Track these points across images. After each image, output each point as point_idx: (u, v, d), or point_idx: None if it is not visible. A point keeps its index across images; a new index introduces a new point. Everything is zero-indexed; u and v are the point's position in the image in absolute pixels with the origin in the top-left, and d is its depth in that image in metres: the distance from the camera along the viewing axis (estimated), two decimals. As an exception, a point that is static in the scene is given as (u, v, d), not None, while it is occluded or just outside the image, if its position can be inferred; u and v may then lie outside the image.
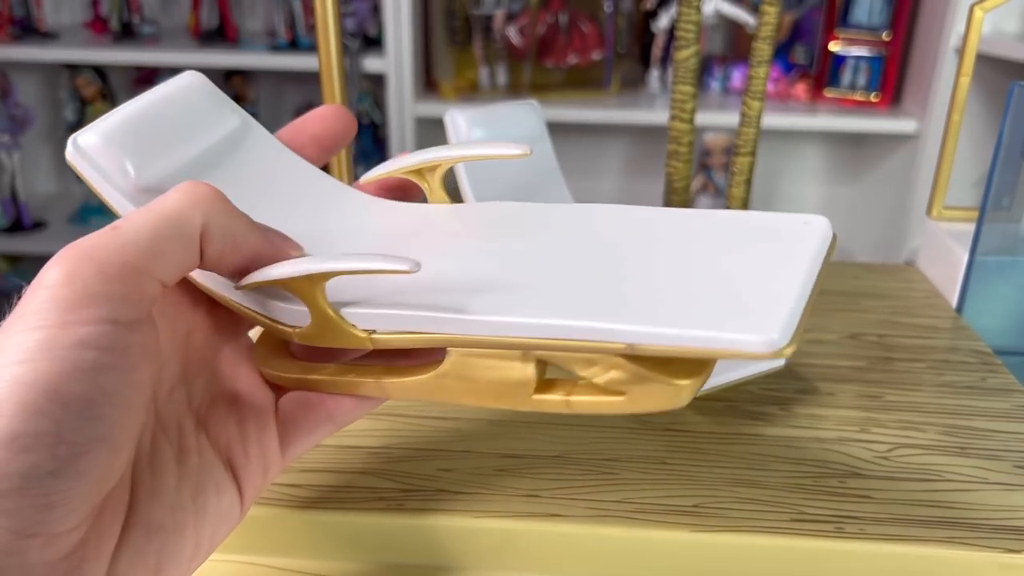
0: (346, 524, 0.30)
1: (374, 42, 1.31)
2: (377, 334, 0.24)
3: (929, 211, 0.52)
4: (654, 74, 1.34)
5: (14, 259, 1.49)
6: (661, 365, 0.21)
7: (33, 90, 1.52)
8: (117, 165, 0.24)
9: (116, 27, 1.37)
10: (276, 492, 0.30)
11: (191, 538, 0.22)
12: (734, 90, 1.36)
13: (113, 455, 0.19)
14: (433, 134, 1.31)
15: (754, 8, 1.21)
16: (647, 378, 0.21)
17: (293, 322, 0.25)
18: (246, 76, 1.44)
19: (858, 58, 1.28)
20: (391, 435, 0.34)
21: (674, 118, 0.48)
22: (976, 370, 0.40)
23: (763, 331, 0.19)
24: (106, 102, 1.42)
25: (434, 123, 1.28)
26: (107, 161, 0.24)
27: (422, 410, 0.35)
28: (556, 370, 0.23)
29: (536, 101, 0.40)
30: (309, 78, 1.43)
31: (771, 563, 0.29)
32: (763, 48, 0.47)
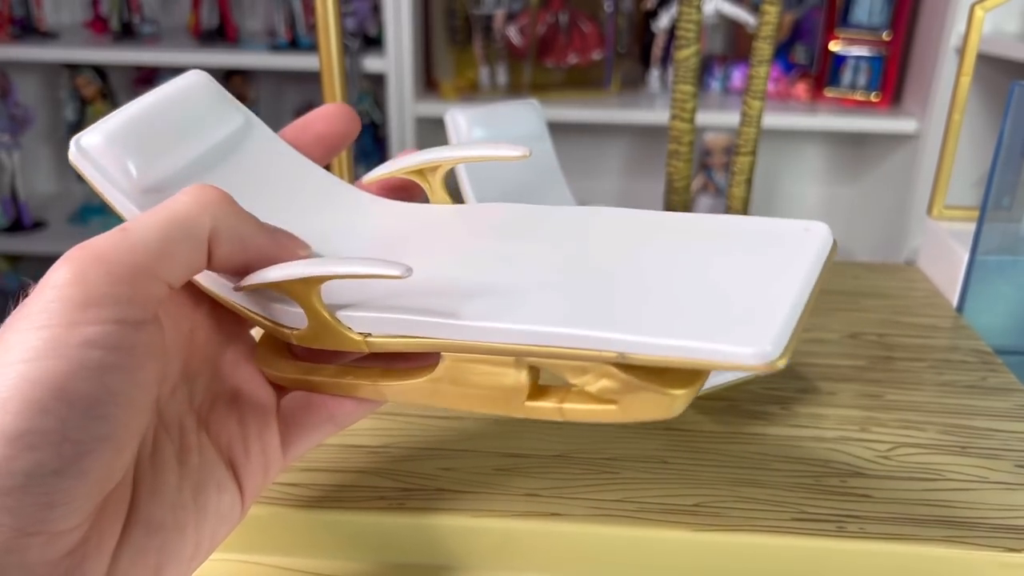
0: (347, 523, 0.30)
1: (374, 42, 1.31)
2: (372, 337, 0.24)
3: (930, 210, 0.52)
4: (654, 74, 1.34)
5: (14, 259, 1.50)
6: (654, 374, 0.21)
7: (33, 90, 1.52)
8: (119, 166, 0.24)
9: (116, 27, 1.37)
10: (277, 491, 0.30)
11: (192, 537, 0.22)
12: (734, 90, 1.36)
13: (117, 454, 0.19)
14: (433, 134, 1.31)
15: (754, 8, 1.21)
16: (640, 387, 0.21)
17: (291, 324, 0.25)
18: (246, 76, 1.44)
19: (858, 58, 1.28)
20: (392, 434, 0.34)
21: (675, 117, 0.48)
22: (976, 369, 0.40)
23: (756, 343, 0.19)
24: (106, 102, 1.42)
25: (434, 123, 1.28)
26: (109, 162, 0.24)
27: (423, 409, 0.35)
28: (552, 377, 0.23)
29: (536, 101, 0.40)
30: (309, 78, 1.43)
31: (772, 562, 0.29)
32: (764, 47, 0.47)
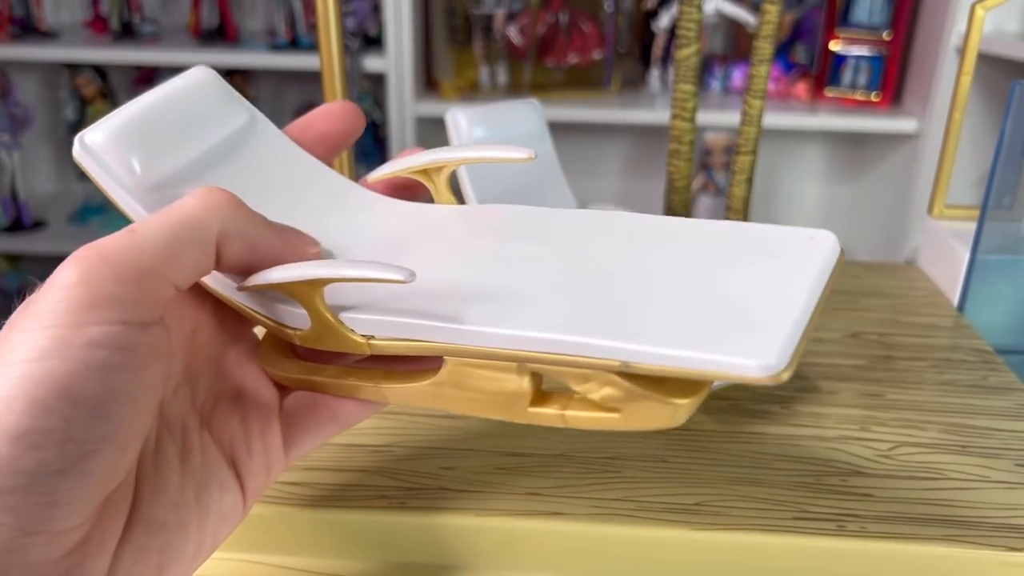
0: (349, 522, 0.30)
1: (374, 41, 1.31)
2: (375, 340, 0.24)
3: (930, 210, 0.52)
4: (654, 74, 1.34)
5: (14, 258, 1.49)
6: (657, 383, 0.21)
7: (33, 89, 1.52)
8: (123, 163, 0.24)
9: (116, 26, 1.37)
10: (279, 490, 0.30)
11: (194, 536, 0.22)
12: (734, 89, 1.36)
13: (120, 454, 0.19)
14: (434, 133, 1.31)
15: (754, 7, 1.21)
16: (643, 396, 0.21)
17: (294, 324, 0.25)
18: (246, 75, 1.44)
19: (859, 57, 1.28)
20: (394, 433, 0.34)
21: (675, 117, 0.48)
22: (977, 369, 0.40)
23: (760, 355, 0.19)
24: (106, 101, 1.42)
25: (435, 122, 1.28)
26: (113, 159, 0.24)
27: (425, 409, 0.35)
28: (555, 382, 0.23)
29: (537, 100, 0.40)
30: (309, 77, 1.43)
31: (773, 561, 0.29)
32: (764, 47, 0.47)
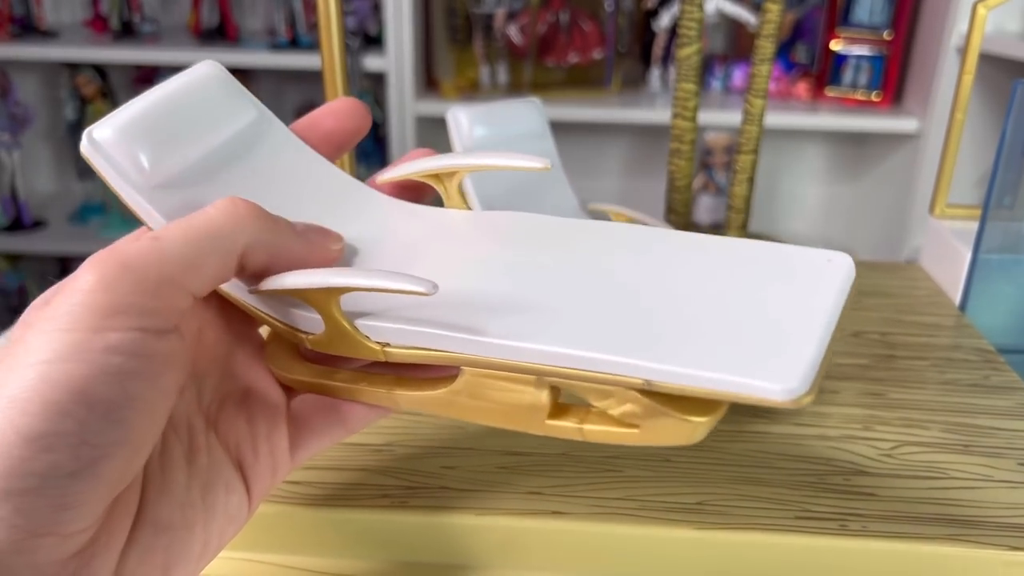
0: (351, 521, 0.30)
1: (375, 41, 1.30)
2: (391, 347, 0.23)
3: (932, 209, 0.52)
4: (655, 73, 1.34)
5: (14, 258, 1.49)
6: (676, 401, 0.21)
7: (33, 89, 1.52)
8: (132, 159, 0.23)
9: (116, 26, 1.37)
10: (281, 489, 0.30)
11: (200, 536, 0.22)
12: (735, 89, 1.36)
13: (131, 459, 0.19)
14: (434, 133, 1.30)
15: (755, 7, 1.21)
16: (662, 413, 0.21)
17: (306, 328, 0.24)
18: (246, 75, 1.43)
19: (859, 57, 1.28)
20: (396, 433, 0.34)
21: (676, 116, 0.48)
22: (979, 368, 0.40)
23: (784, 380, 0.19)
24: (106, 101, 1.42)
25: (435, 122, 1.28)
26: (122, 155, 0.23)
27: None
28: (571, 394, 0.23)
29: (538, 99, 0.40)
30: (309, 77, 1.43)
31: (775, 561, 0.29)
32: (766, 46, 0.47)
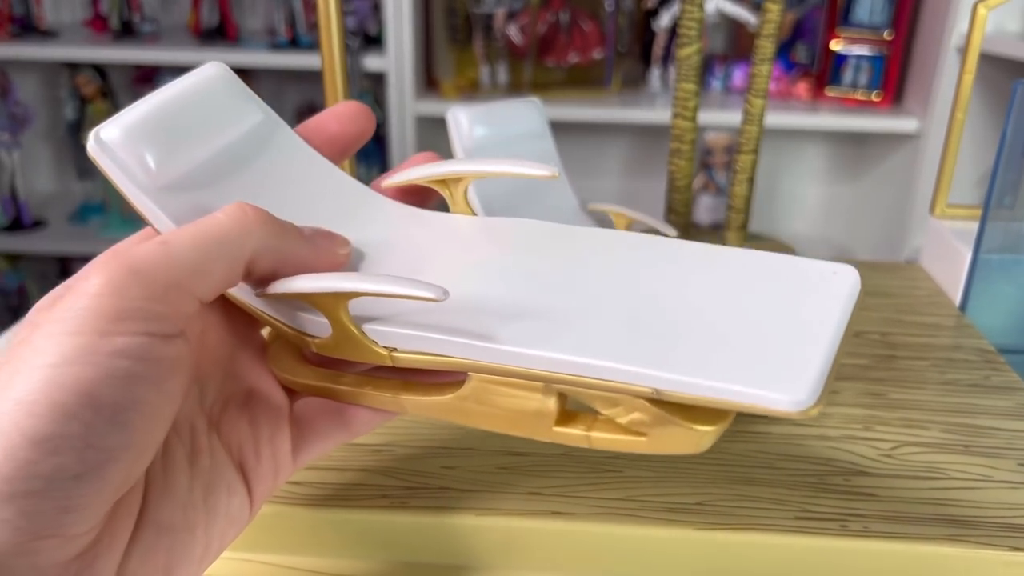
0: (350, 522, 0.30)
1: (375, 40, 1.30)
2: (398, 352, 0.23)
3: (932, 209, 0.52)
4: (655, 73, 1.34)
5: (14, 258, 1.49)
6: (683, 410, 0.21)
7: (33, 89, 1.52)
8: (138, 160, 0.23)
9: (116, 25, 1.36)
10: (280, 489, 0.30)
11: (201, 538, 0.22)
12: (735, 89, 1.35)
13: (136, 462, 0.19)
14: (434, 133, 1.30)
15: (755, 6, 1.21)
16: (670, 422, 0.21)
17: (313, 332, 0.24)
18: (247, 75, 1.43)
19: (859, 57, 1.28)
20: (395, 433, 0.34)
21: (676, 116, 0.48)
22: (979, 368, 0.40)
23: (793, 391, 0.19)
24: (106, 101, 1.42)
25: (435, 122, 1.28)
26: (128, 155, 0.23)
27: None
28: (578, 401, 0.23)
29: (538, 99, 0.40)
30: (309, 76, 1.43)
31: (775, 561, 0.29)
32: (766, 46, 0.47)
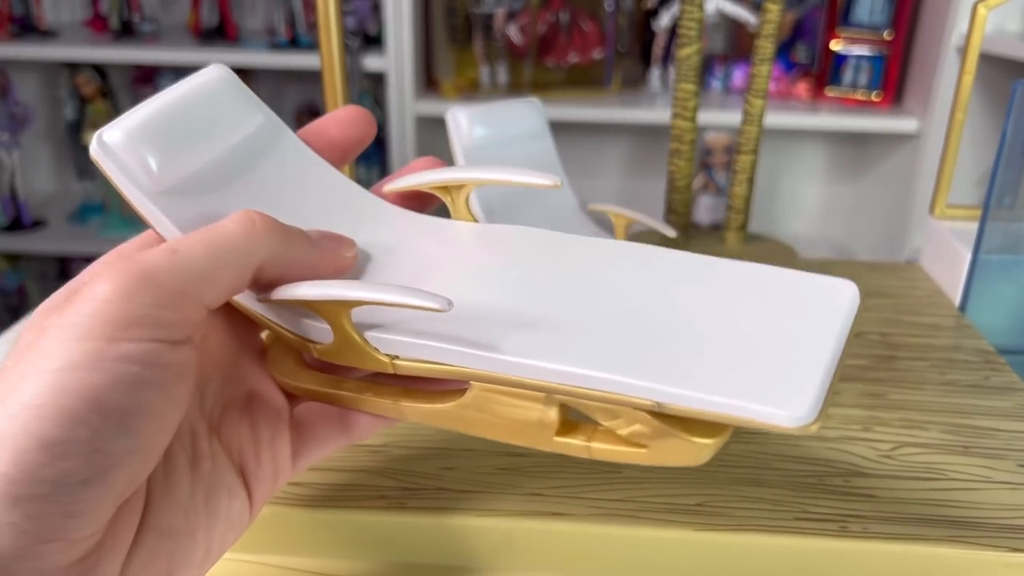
0: (349, 523, 0.30)
1: (374, 41, 1.30)
2: (400, 360, 0.23)
3: (932, 210, 0.52)
4: (655, 73, 1.34)
5: (13, 258, 1.49)
6: (683, 423, 0.21)
7: (33, 88, 1.52)
8: (141, 163, 0.23)
9: (116, 25, 1.36)
10: (279, 490, 0.30)
11: (202, 541, 0.22)
12: (735, 89, 1.35)
13: (141, 467, 0.20)
14: (434, 133, 1.30)
15: (755, 7, 1.21)
16: (670, 434, 0.21)
17: (315, 338, 0.24)
18: (246, 74, 1.43)
19: (859, 57, 1.28)
20: (393, 433, 0.34)
21: (676, 116, 0.48)
22: (979, 369, 0.40)
23: (793, 407, 0.19)
24: (106, 100, 1.42)
25: (435, 122, 1.28)
26: (131, 158, 0.23)
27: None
28: (579, 412, 0.23)
29: (537, 99, 0.40)
30: (309, 76, 1.43)
31: (774, 562, 0.29)
32: (766, 46, 0.47)
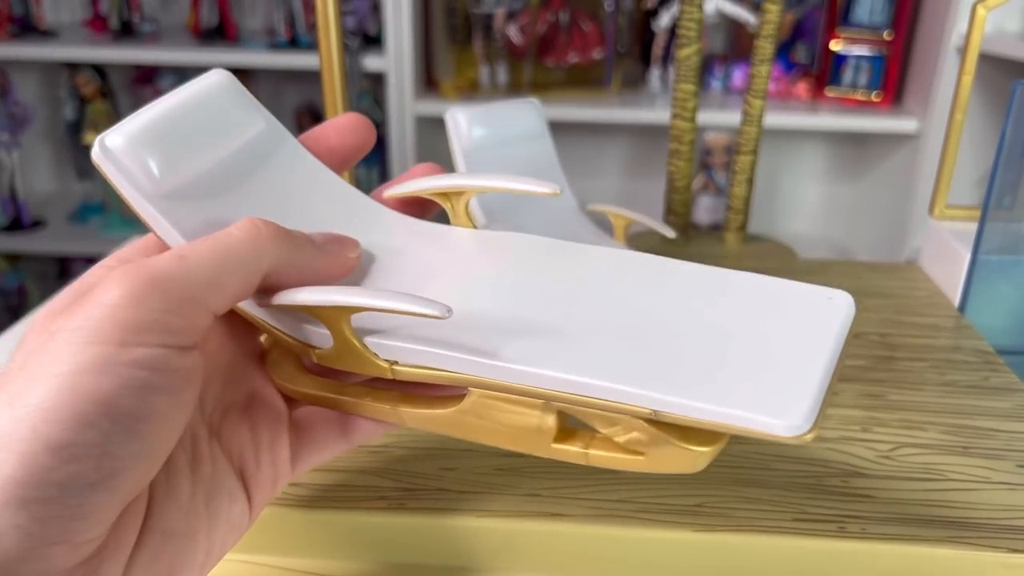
0: (347, 523, 0.30)
1: (374, 41, 1.30)
2: (399, 365, 0.24)
3: (931, 210, 0.52)
4: (655, 73, 1.34)
5: (13, 258, 1.49)
6: (680, 431, 0.22)
7: (32, 88, 1.52)
8: (143, 167, 0.23)
9: (115, 25, 1.36)
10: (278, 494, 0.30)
11: (203, 544, 0.22)
12: (735, 89, 1.35)
13: (147, 470, 0.20)
14: (433, 133, 1.30)
15: (755, 7, 1.21)
16: (667, 442, 0.22)
17: (315, 343, 0.24)
18: (246, 75, 1.43)
19: (859, 57, 1.28)
20: (392, 434, 0.34)
21: (676, 116, 0.48)
22: (978, 369, 0.40)
23: (788, 416, 0.20)
24: (105, 101, 1.42)
25: (435, 122, 1.28)
26: (133, 163, 0.23)
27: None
28: (576, 419, 0.23)
29: (537, 99, 0.40)
30: (309, 77, 1.43)
31: (773, 563, 0.29)
32: (765, 46, 0.47)
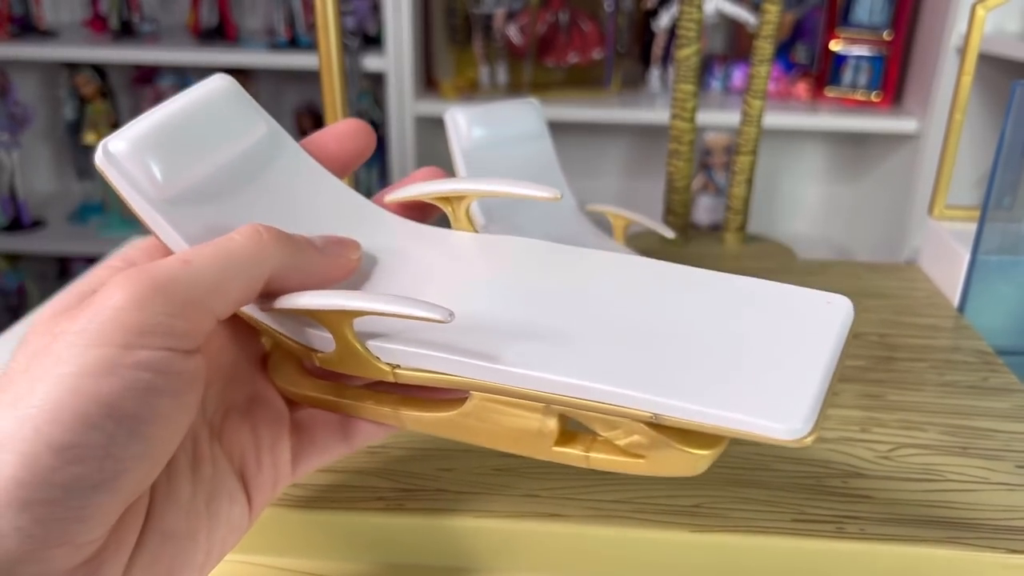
0: (346, 524, 0.30)
1: (374, 41, 1.30)
2: (400, 369, 0.24)
3: (931, 210, 0.52)
4: (654, 73, 1.34)
5: (13, 258, 1.49)
6: (681, 434, 0.22)
7: (32, 88, 1.52)
8: (145, 172, 0.23)
9: (115, 25, 1.36)
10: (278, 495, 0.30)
11: (203, 545, 0.22)
12: (735, 89, 1.35)
13: (149, 472, 0.20)
14: (433, 133, 1.30)
15: (755, 7, 1.21)
16: (667, 445, 0.22)
17: (317, 346, 0.25)
18: (246, 75, 1.43)
19: (859, 57, 1.28)
20: (391, 434, 0.33)
21: (675, 117, 0.48)
22: (978, 370, 0.40)
23: (788, 420, 0.20)
24: (105, 101, 1.42)
25: (434, 122, 1.28)
26: (136, 168, 0.23)
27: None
28: (577, 422, 0.23)
29: (536, 100, 0.40)
30: (309, 77, 1.43)
31: (772, 563, 0.29)
32: (765, 46, 0.47)
